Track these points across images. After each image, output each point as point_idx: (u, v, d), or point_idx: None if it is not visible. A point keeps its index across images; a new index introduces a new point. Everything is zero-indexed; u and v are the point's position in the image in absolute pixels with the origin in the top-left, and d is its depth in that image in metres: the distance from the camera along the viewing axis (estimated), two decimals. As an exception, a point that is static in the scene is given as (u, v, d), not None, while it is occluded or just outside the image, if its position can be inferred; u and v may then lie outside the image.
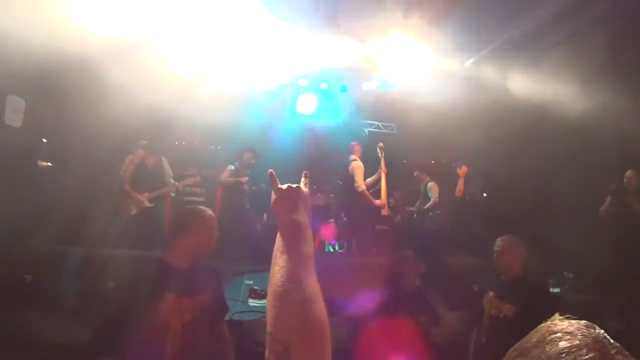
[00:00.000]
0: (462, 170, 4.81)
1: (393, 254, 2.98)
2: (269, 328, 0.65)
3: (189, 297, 1.68)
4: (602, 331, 0.49)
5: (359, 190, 4.63)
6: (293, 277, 0.68)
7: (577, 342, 0.46)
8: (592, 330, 0.49)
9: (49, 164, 4.31)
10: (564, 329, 0.49)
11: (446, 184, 4.95)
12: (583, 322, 0.51)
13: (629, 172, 3.32)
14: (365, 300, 2.77)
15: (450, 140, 5.23)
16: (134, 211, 3.89)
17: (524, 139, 4.91)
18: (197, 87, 4.57)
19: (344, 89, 6.15)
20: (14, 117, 3.26)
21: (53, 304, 2.57)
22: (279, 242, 0.75)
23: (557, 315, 0.53)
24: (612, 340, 0.48)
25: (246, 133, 5.46)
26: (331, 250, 4.95)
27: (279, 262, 0.72)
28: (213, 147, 5.73)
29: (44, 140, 4.28)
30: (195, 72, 4.16)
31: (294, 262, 0.71)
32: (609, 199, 3.35)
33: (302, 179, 0.88)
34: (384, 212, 4.77)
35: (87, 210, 3.66)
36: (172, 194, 4.41)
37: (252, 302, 3.51)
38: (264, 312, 0.67)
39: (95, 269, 2.77)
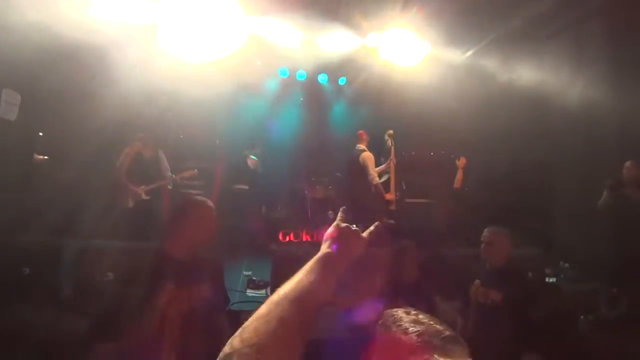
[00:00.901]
0: (461, 162, 4.81)
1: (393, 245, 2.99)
2: (249, 336, 0.60)
3: (187, 287, 1.68)
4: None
5: (373, 182, 4.47)
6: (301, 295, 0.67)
7: None
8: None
9: (45, 157, 4.29)
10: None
11: (445, 175, 4.95)
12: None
13: (628, 163, 3.26)
14: (364, 291, 2.79)
15: (449, 131, 5.21)
16: (130, 204, 3.89)
17: (525, 130, 4.88)
18: (195, 79, 4.53)
19: (343, 80, 6.11)
20: (9, 110, 3.23)
21: (51, 296, 2.58)
22: (309, 263, 0.75)
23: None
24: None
25: (245, 125, 5.44)
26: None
27: (295, 277, 0.71)
28: (211, 139, 5.69)
29: (40, 134, 4.25)
30: (194, 61, 4.10)
31: (311, 285, 0.69)
32: (605, 193, 3.32)
33: (371, 229, 0.86)
34: (392, 207, 4.63)
35: (84, 203, 3.65)
36: (169, 187, 4.40)
37: (251, 293, 3.54)
38: (262, 302, 0.66)
39: (93, 261, 2.77)
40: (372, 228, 0.86)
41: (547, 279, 3.43)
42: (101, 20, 3.49)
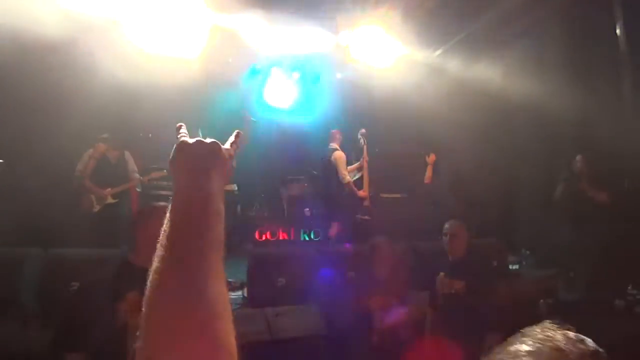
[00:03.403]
0: (431, 159, 4.98)
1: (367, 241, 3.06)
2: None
3: None
4: (592, 345, 0.51)
5: (344, 182, 4.55)
6: (189, 284, 0.43)
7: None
8: (582, 347, 0.49)
9: (1, 160, 4.00)
10: (558, 343, 0.49)
11: (416, 171, 5.11)
12: (573, 335, 0.51)
13: (578, 157, 3.42)
14: (340, 287, 2.85)
15: (419, 129, 5.38)
16: (96, 208, 3.71)
17: (489, 127, 5.13)
18: (163, 75, 4.39)
19: (316, 78, 6.12)
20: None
21: (11, 308, 2.43)
22: (166, 224, 0.51)
23: (546, 324, 0.53)
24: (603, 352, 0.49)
25: (215, 123, 5.32)
26: (306, 238, 4.98)
27: (158, 257, 0.46)
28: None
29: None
30: (163, 55, 3.97)
31: (194, 254, 0.46)
32: (562, 185, 3.51)
33: (232, 138, 0.67)
34: (366, 203, 4.72)
35: (46, 209, 3.45)
36: (138, 189, 4.24)
37: (227, 295, 3.48)
38: (238, 305, 0.61)
39: (56, 271, 2.63)
40: (232, 137, 0.67)
41: (510, 267, 3.64)
42: (63, 15, 3.30)
